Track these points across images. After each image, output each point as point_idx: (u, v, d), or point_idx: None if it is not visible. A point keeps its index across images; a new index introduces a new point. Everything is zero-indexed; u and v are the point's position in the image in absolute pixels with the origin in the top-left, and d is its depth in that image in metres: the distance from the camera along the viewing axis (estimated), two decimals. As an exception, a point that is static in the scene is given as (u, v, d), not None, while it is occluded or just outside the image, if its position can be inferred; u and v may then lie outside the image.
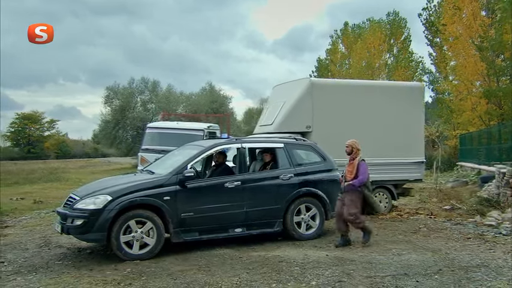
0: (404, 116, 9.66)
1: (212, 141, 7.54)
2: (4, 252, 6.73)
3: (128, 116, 33.34)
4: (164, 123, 13.60)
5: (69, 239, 7.49)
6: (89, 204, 6.21)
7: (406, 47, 34.60)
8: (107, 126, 34.52)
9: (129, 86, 34.92)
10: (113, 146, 38.19)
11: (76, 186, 18.74)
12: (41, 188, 17.43)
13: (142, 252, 6.25)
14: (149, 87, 35.47)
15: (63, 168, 31.79)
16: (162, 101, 34.37)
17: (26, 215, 10.31)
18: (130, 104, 34.14)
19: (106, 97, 34.31)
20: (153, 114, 35.35)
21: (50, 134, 64.56)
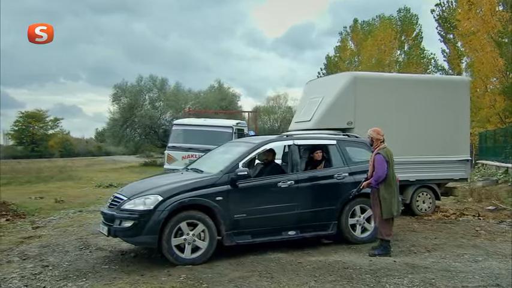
0: (449, 111, 9.27)
1: (263, 137, 7.14)
2: (45, 255, 6.36)
3: (136, 114, 32.90)
4: (191, 120, 13.19)
5: (107, 240, 7.16)
6: (138, 204, 5.83)
7: (417, 43, 34.27)
8: (114, 125, 34.11)
9: (137, 83, 34.47)
10: (121, 144, 37.78)
11: (89, 184, 18.54)
12: (55, 187, 17.03)
13: (195, 256, 5.88)
14: (157, 85, 35.02)
15: (70, 166, 31.37)
16: (171, 98, 33.92)
17: (54, 215, 9.92)
18: (138, 102, 33.69)
19: (114, 95, 33.86)
20: (161, 112, 35.00)
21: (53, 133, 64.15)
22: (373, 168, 6.18)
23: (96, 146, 67.90)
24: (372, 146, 6.35)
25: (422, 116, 9.13)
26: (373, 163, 6.20)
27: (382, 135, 6.28)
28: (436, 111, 9.21)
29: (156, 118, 34.01)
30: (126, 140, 35.12)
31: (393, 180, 6.16)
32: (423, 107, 9.15)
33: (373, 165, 6.20)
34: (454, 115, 9.32)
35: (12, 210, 9.92)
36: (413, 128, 8.85)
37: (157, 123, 34.37)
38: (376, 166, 6.13)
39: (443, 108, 9.27)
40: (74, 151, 63.21)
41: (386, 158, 6.10)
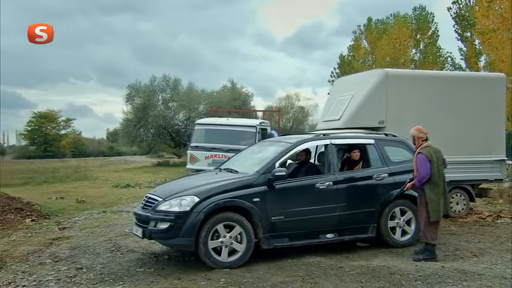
0: (484, 109, 8.97)
1: (298, 137, 6.93)
2: (77, 257, 6.21)
3: (149, 114, 32.85)
4: (214, 120, 12.99)
5: (137, 242, 7.02)
6: (174, 206, 5.66)
7: (433, 42, 33.77)
8: (128, 125, 34.11)
9: (151, 84, 34.40)
10: (134, 144, 37.81)
11: (106, 185, 18.47)
12: (73, 187, 16.94)
13: (232, 259, 5.69)
14: (170, 85, 34.91)
15: (84, 166, 31.46)
16: (184, 98, 33.80)
17: (79, 215, 9.79)
18: (151, 102, 33.62)
19: (127, 95, 33.84)
20: (174, 112, 34.91)
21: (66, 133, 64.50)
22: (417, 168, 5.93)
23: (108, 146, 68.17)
24: (415, 145, 6.11)
25: (457, 114, 8.84)
26: (416, 163, 5.96)
27: (425, 133, 6.04)
28: (471, 109, 8.92)
29: (169, 118, 33.93)
30: (139, 140, 35.13)
31: (440, 180, 5.90)
32: (458, 105, 8.86)
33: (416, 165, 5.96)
34: (489, 113, 9.02)
35: (37, 210, 9.82)
36: (447, 127, 8.56)
37: (171, 123, 34.31)
38: (419, 166, 5.90)
39: (479, 106, 8.97)
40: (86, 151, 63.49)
41: (429, 157, 5.86)
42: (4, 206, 9.41)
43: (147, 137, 34.88)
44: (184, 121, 34.80)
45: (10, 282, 5.14)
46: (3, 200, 9.71)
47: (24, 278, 5.27)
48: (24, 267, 5.75)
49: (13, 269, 5.64)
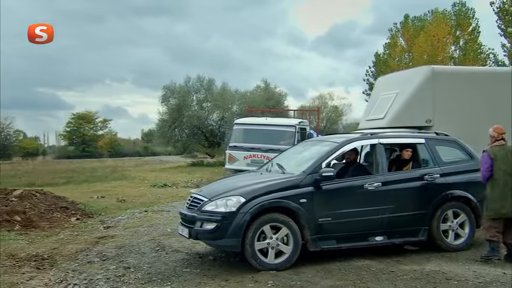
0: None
1: (345, 136, 6.76)
2: (123, 256, 6.26)
3: (184, 115, 33.24)
4: (252, 119, 12.94)
5: (181, 242, 7.03)
6: (220, 206, 5.60)
7: (474, 38, 32.56)
8: (163, 125, 34.63)
9: (185, 84, 34.84)
10: (169, 144, 38.37)
11: (143, 184, 18.75)
12: (112, 186, 17.27)
13: (279, 261, 5.58)
14: (205, 85, 35.25)
15: (120, 166, 32.15)
16: (218, 99, 34.03)
17: (122, 215, 9.93)
18: (186, 103, 34.02)
19: (163, 96, 34.37)
20: (209, 112, 35.20)
21: (103, 133, 66.28)
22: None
23: (143, 147, 69.52)
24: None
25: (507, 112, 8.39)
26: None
27: (500, 133, 5.88)
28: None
29: (203, 118, 34.25)
30: (174, 140, 35.61)
31: (503, 179, 5.69)
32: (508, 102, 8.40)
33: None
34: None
35: (81, 209, 10.04)
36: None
37: (205, 123, 34.62)
38: (480, 164, 5.89)
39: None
40: (122, 151, 65.00)
41: (491, 156, 5.75)
42: (50, 204, 9.67)
43: (181, 137, 35.32)
44: (218, 121, 35.07)
45: (62, 280, 5.22)
46: (50, 199, 9.98)
47: (75, 277, 5.34)
48: (74, 265, 5.84)
49: (64, 267, 5.73)
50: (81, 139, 63.98)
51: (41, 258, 6.13)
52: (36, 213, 8.86)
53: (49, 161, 52.27)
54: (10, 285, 4.92)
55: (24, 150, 60.68)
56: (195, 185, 18.02)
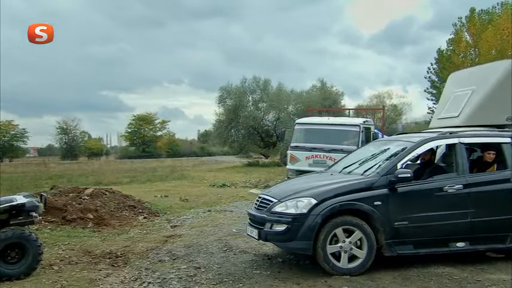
0: None
1: (421, 135, 6.39)
2: (192, 256, 6.30)
3: (240, 115, 33.53)
4: (314, 119, 12.72)
5: (247, 243, 6.98)
6: (290, 207, 5.46)
7: (549, 31, 30.11)
8: (220, 126, 35.14)
9: (241, 85, 35.15)
10: (226, 144, 38.87)
11: (203, 184, 19.05)
12: (172, 186, 17.66)
13: (353, 266, 5.35)
14: (260, 86, 35.38)
15: (179, 166, 32.90)
16: (273, 99, 34.01)
17: (186, 214, 10.09)
18: (242, 103, 34.30)
19: (219, 97, 34.90)
20: (264, 112, 35.29)
21: (161, 134, 68.47)
22: None
23: (199, 147, 71.05)
24: None
25: None
26: None
27: None
28: None
29: (259, 119, 34.40)
30: (231, 140, 36.04)
31: None
32: None
33: None
34: None
35: (147, 208, 10.30)
36: None
37: (260, 123, 34.74)
38: None
39: None
40: (180, 152, 66.76)
41: None
42: (119, 203, 9.99)
43: (238, 138, 35.66)
44: (274, 122, 35.05)
45: (136, 278, 5.31)
46: (118, 198, 10.32)
47: (149, 275, 5.42)
48: (146, 264, 5.94)
49: (137, 265, 5.84)
50: (141, 140, 66.49)
51: (115, 255, 6.30)
52: (107, 212, 9.18)
53: (112, 160, 54.73)
54: (89, 282, 5.07)
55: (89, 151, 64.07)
56: (253, 185, 18.07)
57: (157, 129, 68.79)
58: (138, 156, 59.29)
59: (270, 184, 18.11)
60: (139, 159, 53.73)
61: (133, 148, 68.12)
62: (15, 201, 5.24)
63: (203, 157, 59.57)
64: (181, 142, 72.53)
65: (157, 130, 68.78)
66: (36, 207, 5.35)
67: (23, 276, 5.08)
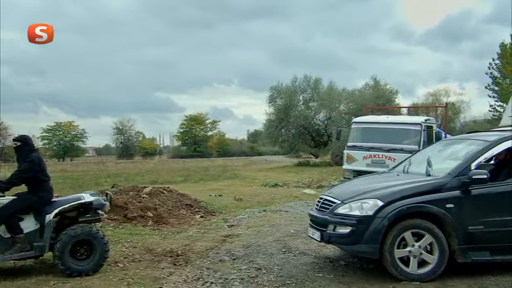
0: None
1: (497, 134, 5.96)
2: (252, 256, 6.22)
3: (290, 115, 33.32)
4: (372, 118, 12.33)
5: (306, 244, 6.82)
6: (354, 209, 5.25)
7: None
8: (270, 125, 35.09)
9: (292, 84, 34.91)
10: (276, 144, 38.80)
11: (255, 183, 19.05)
12: (225, 185, 17.76)
13: (423, 271, 5.05)
14: (311, 85, 35.00)
15: (230, 166, 33.18)
16: (324, 98, 33.51)
17: (242, 213, 10.08)
18: (293, 103, 34.07)
19: (270, 97, 34.84)
20: (315, 112, 34.89)
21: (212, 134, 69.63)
22: None
23: (249, 147, 71.55)
24: None
25: None
26: None
27: None
28: None
29: (309, 118, 34.04)
30: (281, 140, 35.90)
31: None
32: None
33: None
34: None
35: (203, 207, 10.37)
36: None
37: (311, 123, 34.36)
38: None
39: None
40: (230, 151, 67.57)
41: None
42: (176, 202, 10.13)
43: (288, 137, 35.46)
44: (325, 121, 34.56)
45: (198, 278, 5.31)
46: (175, 197, 10.47)
47: (210, 275, 5.40)
48: (207, 263, 5.93)
49: (198, 265, 5.85)
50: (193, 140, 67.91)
51: (176, 254, 6.36)
52: (165, 210, 9.32)
53: (165, 160, 56.34)
54: (154, 280, 5.12)
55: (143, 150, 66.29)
56: (306, 185, 17.84)
57: (208, 129, 70.15)
58: (190, 156, 60.63)
59: (323, 184, 17.85)
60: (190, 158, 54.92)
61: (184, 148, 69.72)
62: (83, 199, 5.40)
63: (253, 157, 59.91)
64: (231, 142, 73.40)
65: (208, 130, 70.14)
66: (103, 205, 5.49)
67: (91, 272, 5.21)
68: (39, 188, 5.29)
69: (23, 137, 5.47)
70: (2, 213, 4.99)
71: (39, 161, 5.34)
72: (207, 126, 69.38)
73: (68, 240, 5.13)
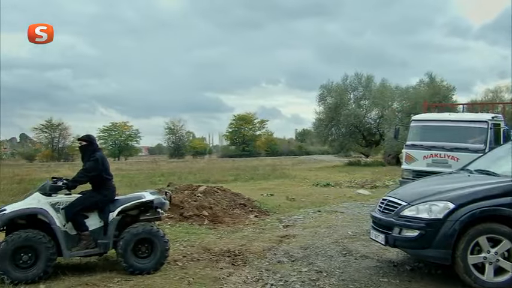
0: None
1: None
2: (311, 259, 6.06)
3: (341, 114, 32.67)
4: (433, 115, 11.74)
5: (367, 247, 6.59)
6: (422, 211, 4.96)
7: None
8: (320, 124, 34.61)
9: (342, 83, 34.25)
10: (326, 143, 38.25)
11: (305, 183, 18.79)
12: (276, 184, 17.62)
13: (500, 280, 4.70)
14: (363, 82, 34.15)
15: (278, 165, 33.02)
16: (377, 96, 32.56)
17: (297, 214, 9.92)
18: (343, 101, 33.39)
19: (320, 95, 34.35)
20: (367, 110, 34.01)
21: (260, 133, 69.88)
22: None
23: (297, 146, 71.09)
24: None
25: None
26: None
27: None
28: None
29: (361, 116, 33.22)
30: (331, 139, 35.34)
31: None
32: None
33: None
34: None
35: (257, 207, 10.30)
36: None
37: (362, 121, 33.53)
38: None
39: None
40: (278, 150, 67.43)
41: None
42: (230, 201, 10.14)
43: (338, 136, 34.83)
44: (377, 119, 33.61)
45: (258, 279, 5.21)
46: (229, 196, 10.48)
47: (270, 277, 5.29)
48: (265, 264, 5.83)
49: (256, 265, 5.76)
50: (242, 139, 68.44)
51: (233, 254, 6.29)
52: (220, 209, 9.34)
53: (214, 159, 57.11)
54: (214, 280, 5.08)
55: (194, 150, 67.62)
56: (359, 185, 17.35)
57: (256, 129, 70.41)
58: (238, 155, 61.11)
59: (377, 184, 17.30)
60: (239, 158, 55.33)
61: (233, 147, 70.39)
62: (145, 198, 5.46)
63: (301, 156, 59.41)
64: (279, 141, 73.23)
65: (256, 129, 70.39)
66: (163, 204, 5.52)
67: (152, 271, 5.25)
68: (102, 187, 5.40)
69: (88, 136, 5.61)
70: (68, 210, 5.13)
71: (103, 160, 5.45)
72: (256, 125, 69.71)
73: (130, 238, 5.20)
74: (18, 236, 4.84)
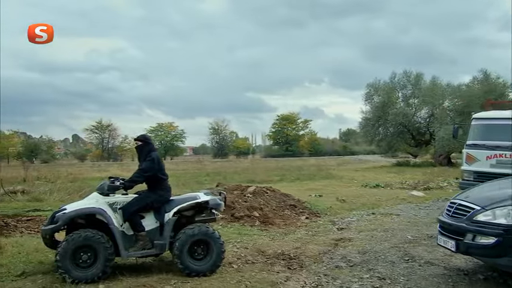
0: None
1: None
2: (371, 264, 5.75)
3: (389, 113, 31.65)
4: (496, 113, 11.02)
5: (430, 252, 6.22)
6: (499, 216, 4.55)
7: None
8: (367, 124, 33.73)
9: (390, 81, 33.19)
10: (373, 143, 37.28)
11: (353, 184, 18.26)
12: (323, 185, 17.24)
13: None
14: (411, 80, 32.91)
15: (323, 165, 32.51)
16: (426, 94, 31.25)
17: (350, 216, 9.61)
18: (391, 100, 32.36)
19: (366, 94, 33.49)
20: (416, 109, 32.80)
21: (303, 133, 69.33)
22: None
23: (341, 146, 69.98)
24: None
25: None
26: None
27: None
28: None
29: (410, 116, 32.04)
30: (378, 139, 34.37)
31: None
32: None
33: None
34: None
35: (307, 208, 10.04)
36: None
37: (411, 121, 32.34)
38: None
39: None
40: (321, 150, 66.65)
41: None
42: (280, 202, 9.93)
43: (386, 136, 33.80)
44: (427, 119, 32.34)
45: (317, 285, 4.98)
46: (278, 197, 10.28)
47: (329, 282, 5.04)
48: (323, 269, 5.58)
49: (313, 270, 5.52)
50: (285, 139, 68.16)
51: (288, 257, 6.09)
52: (270, 210, 9.16)
53: (258, 159, 57.11)
54: (271, 284, 4.89)
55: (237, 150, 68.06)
56: (411, 186, 16.66)
57: (299, 129, 69.87)
58: (282, 155, 60.84)
59: (430, 186, 16.54)
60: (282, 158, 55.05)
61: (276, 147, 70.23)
62: (200, 199, 5.35)
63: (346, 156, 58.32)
64: (322, 141, 72.39)
65: (299, 129, 69.86)
66: (219, 205, 5.40)
67: (209, 273, 5.13)
68: (158, 187, 5.35)
69: (144, 136, 5.58)
70: (126, 210, 5.10)
71: (159, 160, 5.39)
72: (299, 125, 69.17)
73: (186, 239, 5.11)
74: (78, 235, 4.85)
